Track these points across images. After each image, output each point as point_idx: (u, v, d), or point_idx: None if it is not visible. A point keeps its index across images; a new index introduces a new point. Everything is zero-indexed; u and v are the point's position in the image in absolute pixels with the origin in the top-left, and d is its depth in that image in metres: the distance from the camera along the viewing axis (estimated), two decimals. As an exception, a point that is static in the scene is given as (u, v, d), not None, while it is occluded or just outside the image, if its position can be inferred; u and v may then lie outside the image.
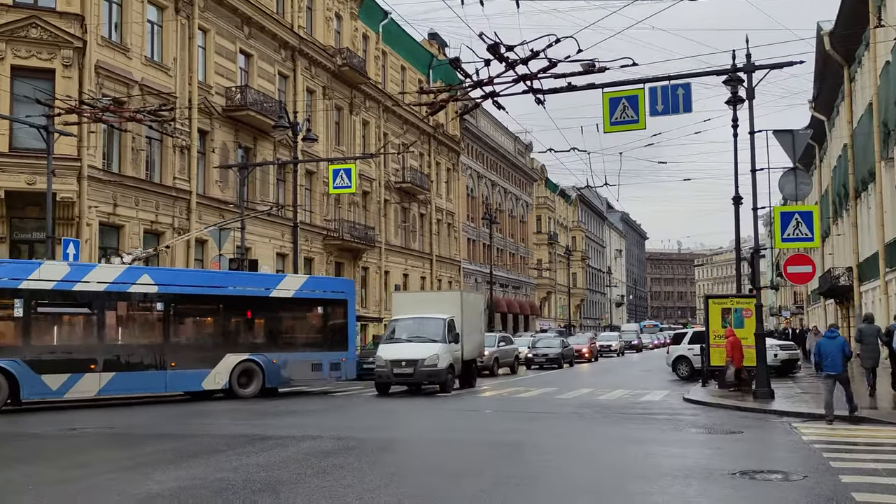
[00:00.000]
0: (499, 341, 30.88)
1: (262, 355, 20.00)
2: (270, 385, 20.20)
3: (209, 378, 19.11)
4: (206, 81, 29.17)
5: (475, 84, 12.35)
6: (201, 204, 28.36)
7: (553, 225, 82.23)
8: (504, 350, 30.88)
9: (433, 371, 19.91)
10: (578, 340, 43.79)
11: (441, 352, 20.13)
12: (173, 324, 19.08)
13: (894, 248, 26.02)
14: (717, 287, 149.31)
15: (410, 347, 20.22)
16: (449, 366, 20.32)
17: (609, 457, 10.05)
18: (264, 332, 20.89)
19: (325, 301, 22.16)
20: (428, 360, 19.84)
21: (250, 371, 19.81)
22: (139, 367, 17.95)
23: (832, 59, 33.04)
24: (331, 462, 9.45)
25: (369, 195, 42.15)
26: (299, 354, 20.74)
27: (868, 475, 8.21)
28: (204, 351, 19.27)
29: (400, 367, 19.89)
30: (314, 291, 22.06)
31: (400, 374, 19.97)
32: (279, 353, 20.32)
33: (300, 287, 21.61)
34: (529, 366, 34.16)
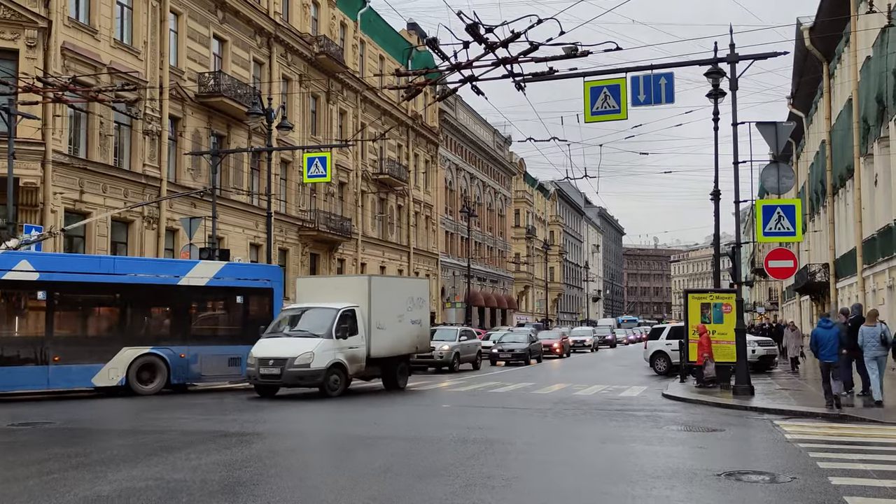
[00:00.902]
0: (460, 335, 29.30)
1: (167, 349, 18.52)
2: (177, 381, 18.73)
3: (101, 374, 17.53)
4: (178, 66, 28.43)
5: (453, 67, 11.88)
6: (172, 192, 27.62)
7: (531, 219, 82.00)
8: (465, 345, 29.30)
9: (305, 372, 16.71)
10: (549, 335, 41.88)
11: (319, 349, 16.99)
12: (57, 315, 17.46)
13: (872, 244, 25.89)
14: (692, 283, 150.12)
15: (283, 343, 17.32)
16: (333, 365, 17.14)
17: (589, 457, 9.65)
18: (171, 324, 19.44)
19: (247, 290, 20.47)
20: (299, 358, 16.70)
21: (153, 366, 18.28)
22: (15, 361, 16.45)
23: (812, 54, 32.89)
24: (294, 461, 8.98)
25: (346, 186, 41.56)
26: (214, 348, 18.97)
27: (858, 477, 7.87)
28: (95, 344, 17.83)
29: (267, 367, 16.85)
30: (233, 279, 20.30)
31: (267, 376, 16.87)
32: (189, 347, 18.80)
33: (216, 275, 19.93)
34: (494, 362, 32.38)
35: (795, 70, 37.25)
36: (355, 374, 18.41)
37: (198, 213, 26.96)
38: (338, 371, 17.45)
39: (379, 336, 18.64)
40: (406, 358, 20.43)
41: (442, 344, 27.53)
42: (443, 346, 27.38)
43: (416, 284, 23.02)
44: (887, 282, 24.23)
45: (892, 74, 21.45)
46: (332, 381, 17.26)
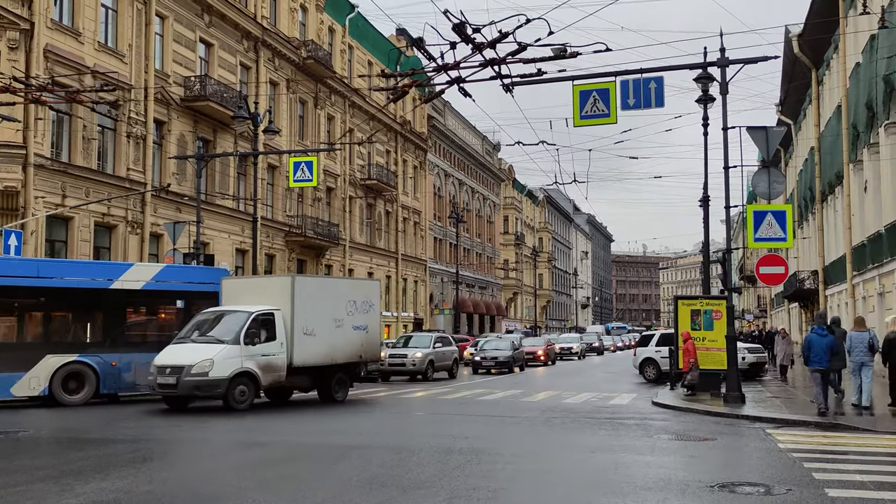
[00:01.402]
0: (435, 342, 27.86)
1: (96, 356, 17.34)
2: (108, 390, 17.54)
3: (21, 383, 16.33)
4: (163, 70, 28.10)
5: (440, 67, 11.63)
6: (157, 196, 27.28)
7: (520, 225, 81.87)
8: (441, 352, 27.76)
9: (202, 382, 15.09)
10: (533, 342, 40.18)
11: (221, 356, 15.40)
12: None
13: (862, 251, 25.81)
14: (681, 290, 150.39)
15: (185, 350, 15.80)
16: (238, 375, 15.50)
17: (578, 467, 9.39)
18: (102, 330, 18.30)
19: (189, 293, 19.27)
20: (196, 367, 15.12)
21: (80, 374, 17.07)
22: None
23: (800, 61, 32.90)
24: (276, 472, 8.69)
25: (334, 191, 41.25)
26: (150, 356, 16.69)
27: (856, 489, 7.64)
28: (13, 351, 16.63)
29: (164, 376, 15.35)
30: (173, 283, 19.25)
31: (164, 386, 15.40)
32: (121, 354, 17.53)
33: (154, 277, 18.85)
34: (476, 370, 30.83)
35: (784, 77, 37.27)
36: (272, 385, 16.71)
37: (182, 218, 26.61)
38: (245, 381, 15.71)
39: (306, 343, 16.87)
40: (347, 367, 18.36)
41: (415, 352, 26.46)
42: (415, 354, 26.28)
43: (359, 286, 20.73)
44: (877, 289, 24.13)
45: (881, 80, 21.36)
46: (238, 392, 15.51)
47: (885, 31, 20.39)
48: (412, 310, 52.94)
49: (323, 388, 17.92)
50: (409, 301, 52.48)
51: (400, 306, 50.25)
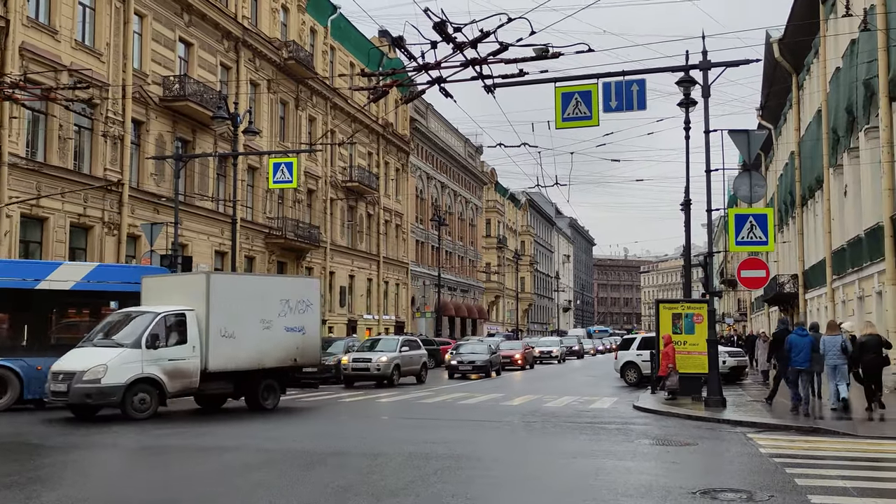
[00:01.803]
0: (401, 346, 26.67)
1: (20, 360, 16.30)
2: (33, 396, 16.39)
3: None
4: (141, 69, 27.74)
5: (420, 67, 11.48)
6: (134, 197, 26.92)
7: (502, 229, 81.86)
8: (408, 356, 26.59)
9: (93, 389, 14.01)
10: (511, 346, 39.45)
11: (117, 361, 14.31)
12: None
13: (842, 255, 25.93)
14: (662, 294, 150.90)
15: (82, 355, 14.77)
16: (138, 381, 14.42)
17: (558, 473, 9.24)
18: (27, 333, 17.27)
19: (124, 294, 17.99)
20: (89, 373, 14.06)
21: (3, 379, 16.14)
22: None
23: (781, 66, 33.05)
24: (250, 479, 8.48)
25: (315, 193, 40.97)
26: None
27: (839, 495, 7.55)
28: None
29: (57, 383, 14.30)
30: (107, 283, 18.20)
31: (56, 393, 14.35)
32: (48, 358, 15.86)
33: (84, 277, 17.89)
34: (452, 374, 29.86)
35: (765, 81, 37.45)
36: (183, 393, 15.60)
37: (160, 219, 26.26)
38: (146, 388, 14.58)
39: (224, 346, 15.68)
40: (278, 372, 17.14)
41: (379, 356, 25.36)
42: (380, 359, 25.12)
43: (294, 284, 19.26)
44: (857, 293, 24.21)
45: (861, 85, 21.45)
46: (137, 400, 14.40)
47: (866, 36, 20.46)
48: (394, 313, 52.71)
49: (249, 394, 16.73)
50: (390, 304, 52.26)
51: (381, 309, 50.01)
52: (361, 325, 46.20)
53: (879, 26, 18.68)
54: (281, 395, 17.43)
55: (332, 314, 42.57)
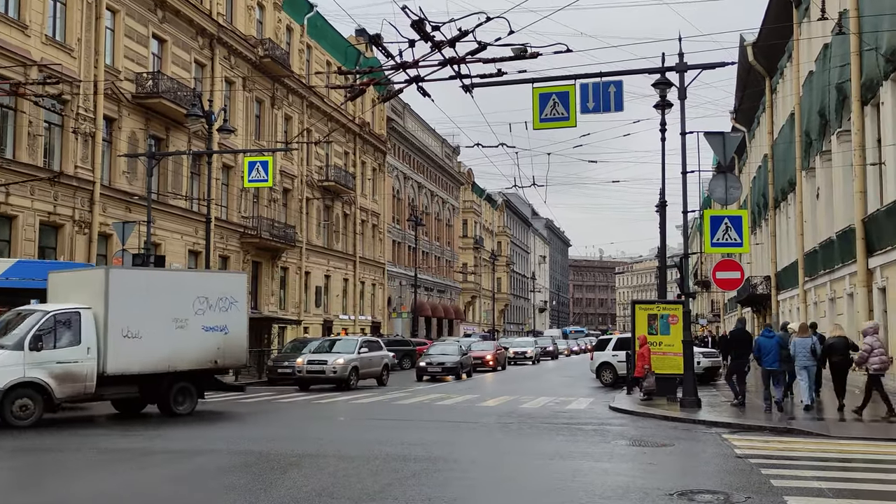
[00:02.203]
0: (360, 347, 25.29)
1: None
2: None
3: None
4: (114, 65, 27.36)
5: (398, 66, 11.39)
6: (106, 195, 26.55)
7: (479, 229, 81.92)
8: (367, 358, 25.25)
9: None
10: (482, 346, 37.95)
11: None
12: None
13: (814, 257, 26.19)
14: (637, 295, 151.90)
15: None
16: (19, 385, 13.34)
17: (536, 475, 9.20)
18: None
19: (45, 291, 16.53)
20: None
21: None
22: None
23: (755, 69, 33.35)
24: (223, 482, 8.35)
25: (290, 193, 40.70)
26: None
27: (814, 496, 7.57)
28: None
29: None
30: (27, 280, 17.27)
31: None
32: None
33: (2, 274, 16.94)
34: (421, 377, 28.82)
35: (738, 85, 37.78)
36: (76, 398, 14.57)
37: (133, 218, 25.95)
38: (29, 393, 13.47)
39: (127, 347, 14.63)
40: (194, 375, 16.04)
41: (336, 358, 24.02)
42: (336, 360, 23.79)
43: (214, 279, 17.75)
44: (829, 294, 24.47)
45: (834, 88, 21.68)
46: (18, 407, 13.29)
47: (839, 40, 20.68)
48: (370, 313, 52.53)
49: (159, 399, 15.61)
50: (366, 304, 52.07)
51: (357, 310, 49.81)
52: (337, 326, 45.99)
53: (852, 30, 18.89)
54: (199, 399, 16.28)
55: (307, 314, 42.31)
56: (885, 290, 19.00)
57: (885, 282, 18.78)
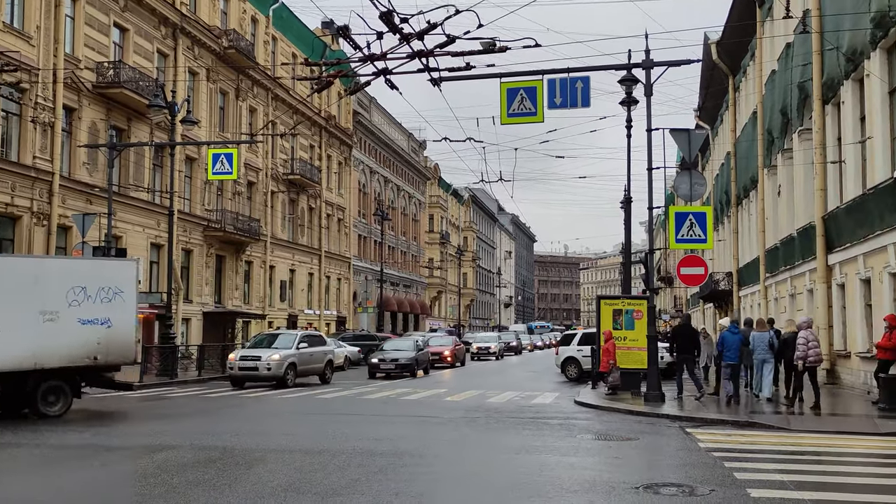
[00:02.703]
0: (299, 342, 23.41)
1: None
2: None
3: None
4: (74, 54, 26.84)
5: (366, 58, 11.29)
6: (66, 187, 26.04)
7: (445, 224, 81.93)
8: (307, 354, 23.41)
9: None
10: (440, 342, 36.27)
11: None
12: None
13: (775, 254, 26.59)
14: (601, 290, 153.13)
15: None
16: None
17: (502, 469, 9.20)
18: None
19: None
20: None
21: None
22: None
23: (718, 68, 33.71)
24: (186, 478, 8.21)
25: (255, 186, 40.30)
26: None
27: (777, 489, 7.66)
28: None
29: None
30: None
31: None
32: None
33: None
34: (374, 374, 27.13)
35: (702, 82, 38.18)
36: None
37: (93, 210, 25.49)
38: None
39: None
40: (67, 373, 14.61)
41: (271, 354, 22.25)
42: (272, 356, 22.03)
43: (92, 267, 16.05)
44: (789, 290, 24.87)
45: (796, 87, 22.00)
46: None
47: (801, 39, 20.99)
48: (335, 308, 52.28)
49: (26, 400, 14.15)
50: (332, 299, 51.79)
51: (323, 304, 49.53)
52: (302, 320, 45.69)
53: (815, 29, 19.17)
54: (74, 398, 14.85)
55: (272, 309, 41.97)
56: (843, 286, 19.35)
57: (844, 278, 19.13)
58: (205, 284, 35.12)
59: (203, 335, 33.67)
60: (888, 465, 9.71)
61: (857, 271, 17.87)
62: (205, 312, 34.64)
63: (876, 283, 16.74)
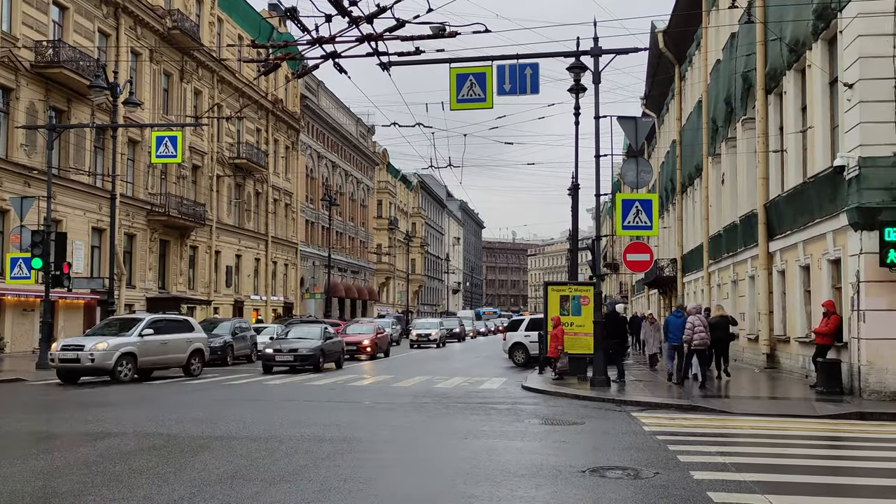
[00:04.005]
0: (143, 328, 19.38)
1: None
2: None
3: None
4: (11, 32, 25.98)
5: (314, 41, 11.13)
6: (3, 169, 25.25)
7: (394, 210, 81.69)
8: (154, 343, 19.53)
9: None
10: (359, 329, 32.33)
11: None
12: None
13: (718, 241, 27.13)
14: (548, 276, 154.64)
15: None
16: None
17: (451, 455, 9.23)
18: None
19: None
20: None
21: None
22: None
23: (665, 57, 34.17)
24: (128, 466, 8.05)
25: (200, 170, 39.58)
26: None
27: (718, 471, 7.84)
28: None
29: None
30: None
31: None
32: None
33: None
34: (270, 368, 22.96)
35: (649, 71, 38.66)
36: None
37: (31, 193, 24.76)
38: None
39: None
40: None
41: (96, 342, 18.59)
42: (97, 346, 18.40)
43: None
44: (731, 276, 25.41)
45: (740, 77, 22.41)
46: None
47: (745, 29, 21.37)
48: (282, 294, 51.79)
49: None
50: (279, 285, 51.29)
51: (269, 290, 49.02)
52: (248, 306, 45.17)
53: (759, 19, 19.53)
54: None
55: (217, 295, 41.39)
56: (783, 272, 19.85)
57: (784, 265, 19.62)
58: (148, 270, 34.45)
59: (147, 322, 33.01)
60: (827, 446, 10.02)
61: (797, 258, 18.34)
62: (148, 298, 33.99)
63: (815, 269, 17.20)
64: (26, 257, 21.33)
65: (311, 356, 23.09)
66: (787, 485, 7.33)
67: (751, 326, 23.01)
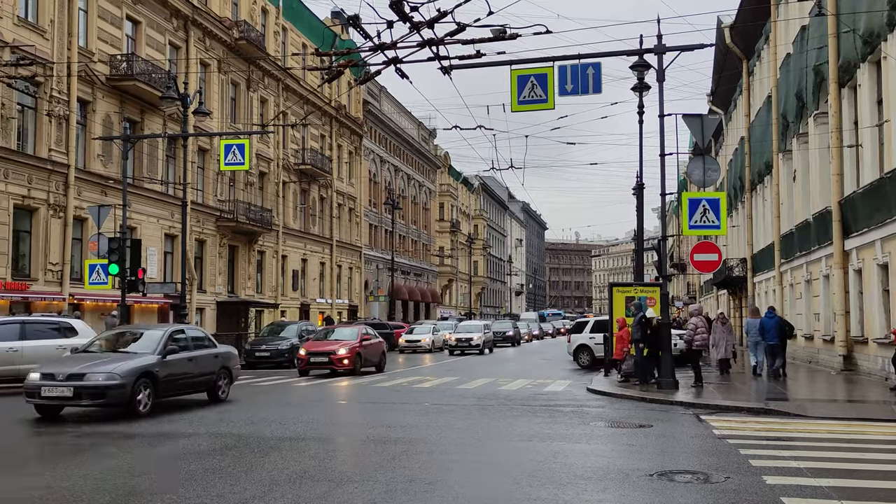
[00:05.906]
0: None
1: None
2: None
3: None
4: (87, 47, 26.92)
5: (376, 47, 11.27)
6: (81, 179, 26.20)
7: (455, 213, 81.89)
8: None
9: None
10: (340, 334, 24.75)
11: None
12: None
13: (790, 239, 26.42)
14: (613, 277, 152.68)
15: None
16: None
17: (516, 457, 9.21)
18: None
19: None
20: None
21: None
22: None
23: (732, 52, 33.46)
24: (202, 466, 8.27)
25: (266, 176, 40.39)
26: None
27: (792, 475, 7.64)
28: None
29: None
30: None
31: None
32: None
33: None
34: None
35: (716, 67, 37.88)
36: None
37: (108, 202, 25.62)
38: None
39: None
40: None
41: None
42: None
43: None
44: (805, 276, 24.72)
45: (811, 71, 21.80)
46: None
47: (816, 22, 20.77)
48: (347, 297, 52.42)
49: None
50: (343, 288, 51.94)
51: (335, 293, 49.69)
52: (314, 310, 45.86)
53: (830, 11, 18.97)
54: None
55: (284, 298, 42.15)
56: (860, 271, 19.22)
57: (861, 263, 19.00)
58: (218, 274, 35.29)
59: (217, 325, 33.86)
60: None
61: (875, 256, 17.73)
62: (218, 302, 34.83)
63: (894, 268, 16.61)
64: (104, 263, 22.06)
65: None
66: (866, 490, 7.09)
67: (826, 327, 22.32)
